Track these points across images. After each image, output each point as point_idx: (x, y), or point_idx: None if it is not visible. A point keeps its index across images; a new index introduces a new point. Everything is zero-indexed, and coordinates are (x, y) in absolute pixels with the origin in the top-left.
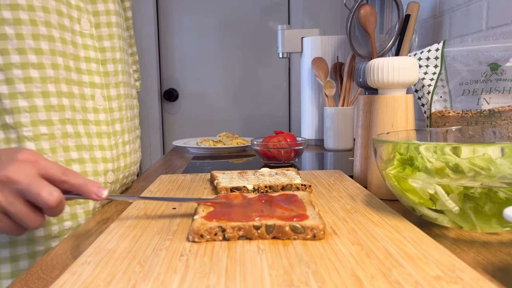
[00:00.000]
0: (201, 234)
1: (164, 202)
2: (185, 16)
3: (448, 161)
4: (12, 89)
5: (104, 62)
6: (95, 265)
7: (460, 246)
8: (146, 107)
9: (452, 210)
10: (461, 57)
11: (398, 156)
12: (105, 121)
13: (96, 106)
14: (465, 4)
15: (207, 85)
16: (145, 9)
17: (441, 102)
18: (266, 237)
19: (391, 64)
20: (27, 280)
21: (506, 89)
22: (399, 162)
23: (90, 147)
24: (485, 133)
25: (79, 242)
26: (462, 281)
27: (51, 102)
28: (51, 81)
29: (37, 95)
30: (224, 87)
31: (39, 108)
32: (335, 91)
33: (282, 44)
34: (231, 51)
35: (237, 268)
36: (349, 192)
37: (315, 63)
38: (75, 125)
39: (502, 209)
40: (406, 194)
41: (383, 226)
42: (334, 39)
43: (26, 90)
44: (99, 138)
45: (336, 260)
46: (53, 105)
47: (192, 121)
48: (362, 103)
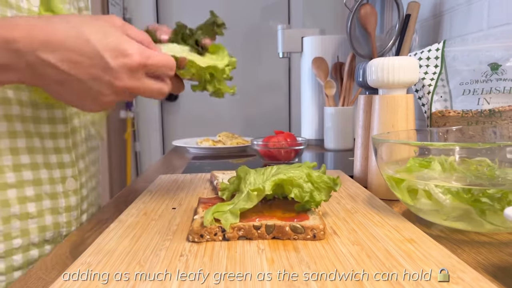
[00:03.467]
0: (201, 234)
1: (164, 202)
2: (185, 16)
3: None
4: None
5: None
6: (95, 265)
7: (461, 246)
8: (146, 107)
9: (443, 203)
10: (462, 57)
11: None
12: (62, 119)
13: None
14: (466, 3)
15: None
16: (145, 9)
17: (441, 102)
18: (266, 237)
19: (391, 64)
20: (26, 280)
21: (506, 89)
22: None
23: (43, 150)
24: (486, 133)
25: (79, 242)
26: (463, 281)
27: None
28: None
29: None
30: None
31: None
32: (335, 91)
33: (282, 44)
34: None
35: (237, 268)
36: (349, 192)
37: (315, 63)
38: (26, 123)
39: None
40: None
41: (383, 226)
42: (334, 39)
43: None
44: (54, 139)
45: (336, 260)
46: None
47: (192, 121)
48: (362, 103)
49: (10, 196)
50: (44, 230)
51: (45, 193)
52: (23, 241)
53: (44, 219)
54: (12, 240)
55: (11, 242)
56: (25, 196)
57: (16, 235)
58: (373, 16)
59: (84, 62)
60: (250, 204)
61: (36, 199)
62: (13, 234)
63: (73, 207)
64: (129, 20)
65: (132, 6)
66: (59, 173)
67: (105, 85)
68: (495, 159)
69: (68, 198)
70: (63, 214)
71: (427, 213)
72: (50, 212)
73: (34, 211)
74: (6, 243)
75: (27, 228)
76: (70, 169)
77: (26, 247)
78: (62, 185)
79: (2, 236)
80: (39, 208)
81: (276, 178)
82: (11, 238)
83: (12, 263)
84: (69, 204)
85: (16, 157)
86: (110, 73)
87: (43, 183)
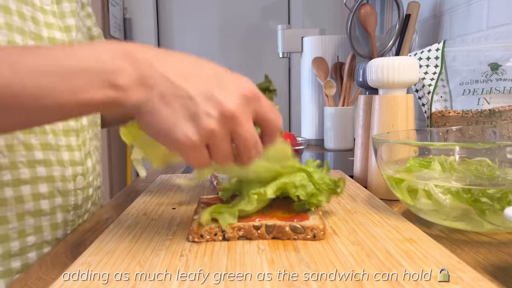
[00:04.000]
0: (201, 234)
1: (164, 202)
2: (185, 16)
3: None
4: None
5: (71, 43)
6: (95, 265)
7: (461, 246)
8: None
9: (443, 203)
10: (462, 57)
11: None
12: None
13: None
14: (466, 3)
15: None
16: (145, 10)
17: (441, 102)
18: (266, 237)
19: (391, 64)
20: (26, 280)
21: (506, 89)
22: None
23: (57, 147)
24: (485, 133)
25: (79, 242)
26: (463, 281)
27: None
28: None
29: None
30: None
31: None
32: (335, 91)
33: (282, 44)
34: (231, 51)
35: (237, 268)
36: (349, 192)
37: (315, 63)
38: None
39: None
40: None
41: (383, 226)
42: (334, 39)
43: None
44: (66, 136)
45: (336, 260)
46: None
47: None
48: (362, 103)
49: (24, 192)
50: (56, 227)
51: (57, 190)
52: (37, 239)
53: (56, 216)
54: (26, 237)
55: (25, 240)
56: (39, 193)
57: (30, 232)
58: (373, 16)
59: (199, 77)
60: (250, 206)
61: (49, 196)
62: (28, 231)
63: (79, 205)
64: (129, 20)
65: (132, 6)
66: (71, 171)
67: (213, 104)
68: (495, 159)
69: (77, 196)
70: (71, 212)
71: (427, 213)
72: (61, 210)
73: (47, 208)
74: (21, 241)
75: (40, 225)
76: (80, 167)
77: (39, 244)
78: (73, 183)
79: (17, 233)
80: (51, 205)
81: (279, 182)
82: (25, 235)
83: (27, 261)
84: (77, 202)
85: (30, 153)
86: (224, 93)
87: (56, 180)
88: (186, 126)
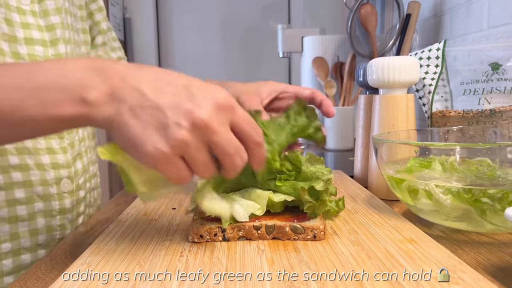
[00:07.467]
0: (201, 234)
1: (164, 202)
2: (185, 16)
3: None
4: None
5: (55, 42)
6: (95, 265)
7: (461, 247)
8: None
9: (443, 203)
10: (462, 56)
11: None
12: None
13: None
14: (466, 3)
15: None
16: (145, 9)
17: (442, 101)
18: (266, 238)
19: (391, 64)
20: (26, 280)
21: (507, 88)
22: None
23: (35, 151)
24: (486, 133)
25: (79, 242)
26: (463, 281)
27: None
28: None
29: None
30: None
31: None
32: (336, 90)
33: (282, 43)
34: (231, 50)
35: (237, 268)
36: (350, 192)
37: (316, 63)
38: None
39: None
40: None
41: (384, 226)
42: (335, 39)
43: None
44: (46, 139)
45: (336, 260)
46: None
47: None
48: (363, 103)
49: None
50: (35, 233)
51: (37, 195)
52: (13, 245)
53: (36, 222)
54: (1, 244)
55: (0, 246)
56: (14, 199)
57: (5, 239)
58: (373, 15)
59: (170, 88)
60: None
61: (27, 202)
62: (2, 238)
63: (68, 209)
64: (128, 20)
65: (132, 5)
66: (53, 174)
67: (184, 114)
68: (495, 159)
69: (62, 200)
70: (57, 217)
71: (428, 213)
72: (43, 215)
73: (24, 214)
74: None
75: (16, 231)
76: (65, 170)
77: (16, 251)
78: (57, 187)
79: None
80: (30, 211)
81: (283, 198)
82: (0, 242)
83: (1, 268)
84: (63, 206)
85: (3, 158)
86: (194, 101)
87: (35, 185)
88: (156, 138)
